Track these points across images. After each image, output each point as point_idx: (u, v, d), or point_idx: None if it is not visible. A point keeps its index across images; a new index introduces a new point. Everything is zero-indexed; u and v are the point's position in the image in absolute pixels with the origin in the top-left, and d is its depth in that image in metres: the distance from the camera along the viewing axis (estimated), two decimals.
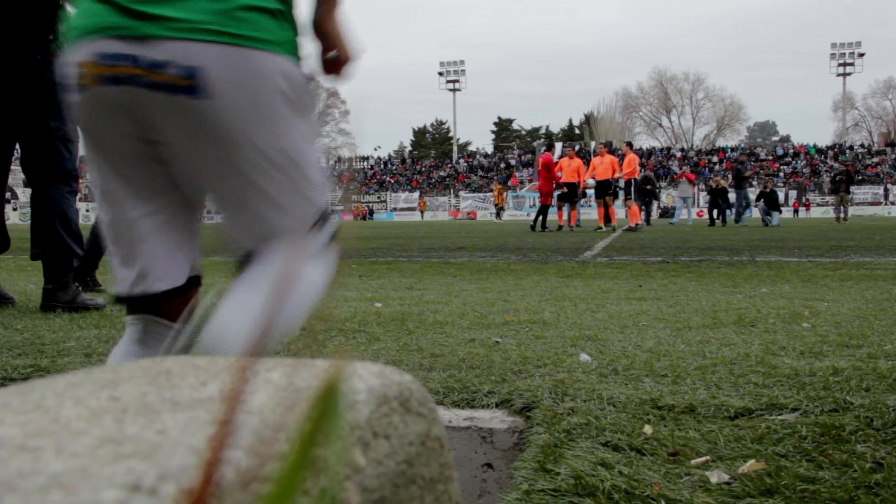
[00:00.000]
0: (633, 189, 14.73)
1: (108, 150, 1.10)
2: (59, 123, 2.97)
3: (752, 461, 1.08)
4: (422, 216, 46.04)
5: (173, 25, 0.98)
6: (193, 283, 1.16)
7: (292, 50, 1.08)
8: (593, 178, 13.92)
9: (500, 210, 31.32)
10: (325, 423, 0.21)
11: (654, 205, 22.24)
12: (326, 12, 1.23)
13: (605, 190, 13.73)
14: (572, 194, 14.42)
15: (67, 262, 3.04)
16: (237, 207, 1.10)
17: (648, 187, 18.25)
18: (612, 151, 18.23)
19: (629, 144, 16.27)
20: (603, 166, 13.59)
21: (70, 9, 1.09)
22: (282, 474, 0.21)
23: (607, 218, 13.76)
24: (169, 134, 1.04)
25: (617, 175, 14.04)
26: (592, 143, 46.81)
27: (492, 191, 50.94)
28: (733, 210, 17.74)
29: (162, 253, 1.11)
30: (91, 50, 1.01)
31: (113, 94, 1.01)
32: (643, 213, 16.72)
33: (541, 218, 13.87)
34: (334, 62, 1.27)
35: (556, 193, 14.37)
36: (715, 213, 17.72)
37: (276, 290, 0.97)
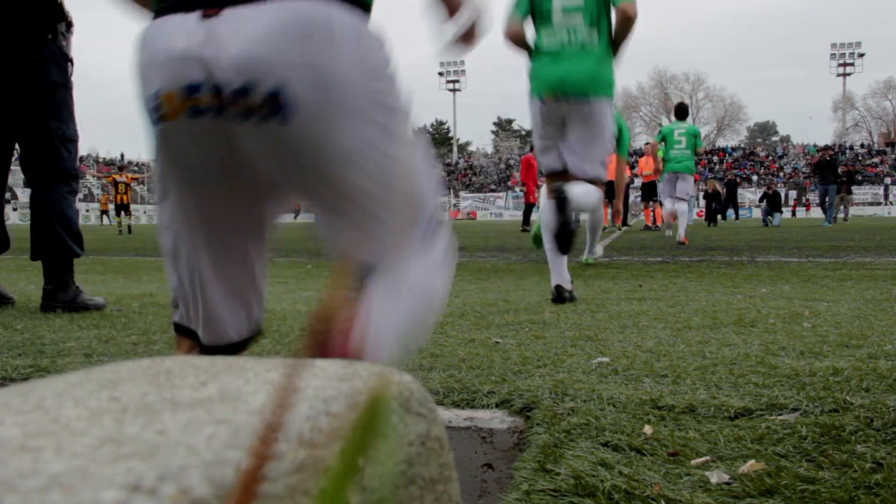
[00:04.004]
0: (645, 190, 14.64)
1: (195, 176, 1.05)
2: (58, 123, 2.97)
3: (752, 461, 1.08)
4: None
5: None
6: (253, 337, 1.16)
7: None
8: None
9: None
10: (374, 434, 0.21)
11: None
12: None
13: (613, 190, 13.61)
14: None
15: (67, 262, 3.04)
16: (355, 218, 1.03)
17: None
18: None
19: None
20: (611, 166, 13.42)
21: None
22: (328, 483, 0.21)
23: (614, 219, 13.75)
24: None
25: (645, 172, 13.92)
26: None
27: (492, 191, 50.89)
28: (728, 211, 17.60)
29: (226, 305, 1.09)
30: None
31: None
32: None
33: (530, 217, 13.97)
34: (461, 30, 1.19)
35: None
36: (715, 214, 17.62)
37: (410, 299, 1.03)
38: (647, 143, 14.57)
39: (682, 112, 9.80)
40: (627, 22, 3.06)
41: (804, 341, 2.06)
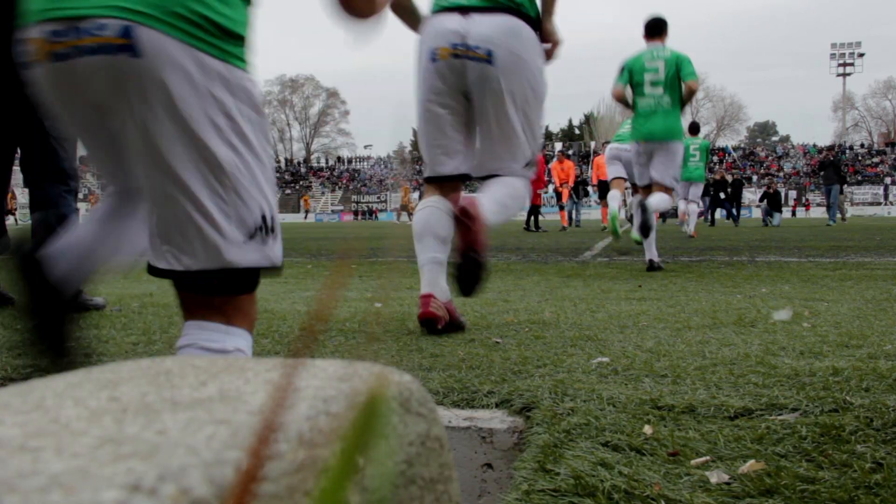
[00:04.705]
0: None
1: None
2: (52, 122, 2.96)
3: (751, 461, 1.08)
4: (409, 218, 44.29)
5: None
6: None
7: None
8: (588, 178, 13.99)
9: (407, 212, 26.16)
10: (371, 433, 0.21)
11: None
12: (548, 13, 2.34)
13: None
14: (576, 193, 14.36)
15: None
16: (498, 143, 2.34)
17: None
18: None
19: None
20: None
21: None
22: (327, 483, 0.21)
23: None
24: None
25: None
26: (592, 143, 46.75)
27: None
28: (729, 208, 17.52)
29: None
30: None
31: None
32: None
33: (532, 218, 13.96)
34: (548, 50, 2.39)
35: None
36: (719, 210, 17.45)
37: (510, 193, 2.36)
38: (604, 144, 14.57)
39: (694, 129, 11.55)
40: (691, 94, 4.81)
41: (804, 341, 2.06)
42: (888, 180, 44.64)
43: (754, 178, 46.77)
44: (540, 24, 2.32)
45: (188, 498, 0.28)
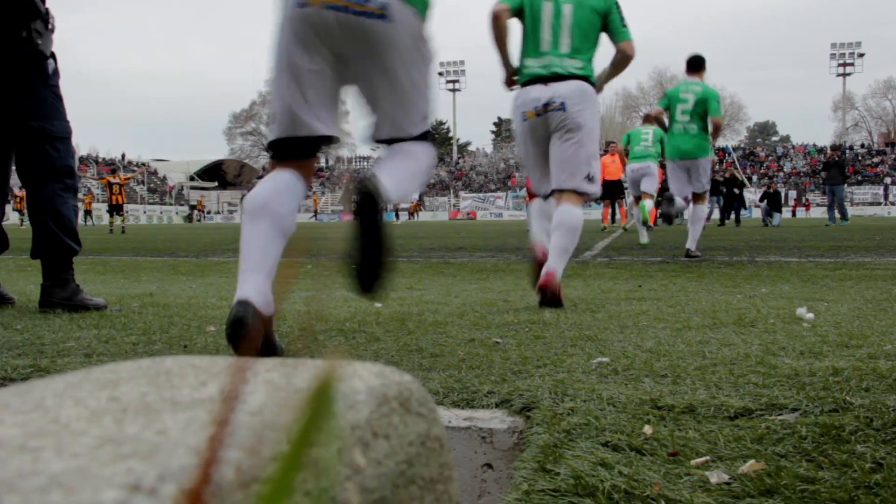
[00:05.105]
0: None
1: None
2: (41, 123, 2.95)
3: (752, 461, 1.08)
4: (411, 217, 43.05)
5: None
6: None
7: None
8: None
9: (395, 212, 27.15)
10: (320, 422, 0.21)
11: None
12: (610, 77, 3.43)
13: (616, 190, 13.15)
14: (616, 191, 13.80)
15: (64, 259, 3.03)
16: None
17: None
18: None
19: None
20: (614, 165, 12.62)
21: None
22: (276, 474, 0.21)
23: (613, 218, 13.66)
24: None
25: None
26: None
27: (492, 191, 50.81)
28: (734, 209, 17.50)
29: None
30: None
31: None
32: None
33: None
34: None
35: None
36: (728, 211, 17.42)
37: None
38: (611, 143, 14.21)
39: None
40: (717, 129, 6.13)
41: (804, 341, 2.06)
42: (888, 180, 44.63)
43: (755, 178, 46.77)
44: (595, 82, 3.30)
45: (186, 498, 0.28)
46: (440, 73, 62.58)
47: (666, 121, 6.33)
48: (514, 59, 3.35)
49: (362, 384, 0.44)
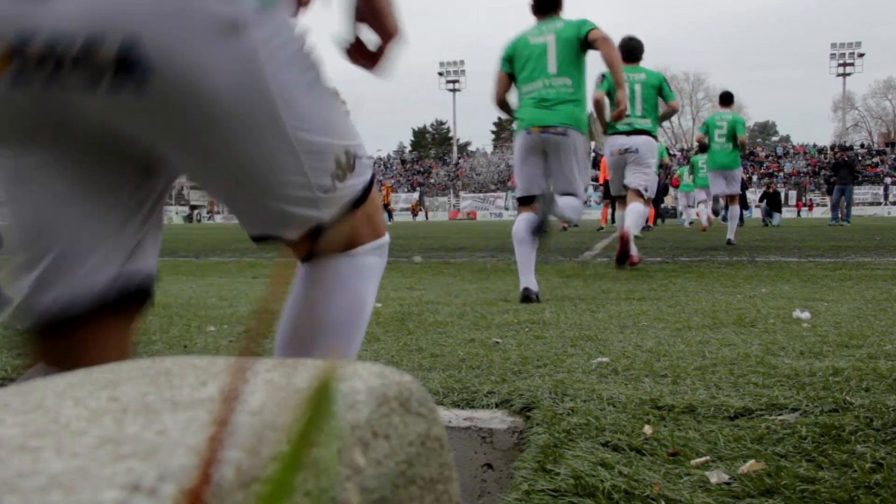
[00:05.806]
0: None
1: None
2: None
3: (751, 461, 1.08)
4: (414, 216, 42.38)
5: None
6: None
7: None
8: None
9: (388, 213, 27.49)
10: (320, 422, 0.21)
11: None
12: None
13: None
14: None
15: None
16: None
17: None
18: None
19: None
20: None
21: None
22: (276, 474, 0.21)
23: (613, 218, 13.65)
24: None
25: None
26: (592, 143, 46.78)
27: (492, 190, 50.81)
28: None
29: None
30: None
31: None
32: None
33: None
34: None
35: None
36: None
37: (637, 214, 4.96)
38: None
39: (704, 148, 12.30)
40: (744, 145, 8.18)
41: (804, 341, 2.06)
42: (888, 180, 44.63)
43: (755, 178, 46.80)
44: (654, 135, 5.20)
45: (186, 498, 0.28)
46: (440, 73, 62.60)
47: (707, 142, 8.45)
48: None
49: (362, 384, 0.44)
